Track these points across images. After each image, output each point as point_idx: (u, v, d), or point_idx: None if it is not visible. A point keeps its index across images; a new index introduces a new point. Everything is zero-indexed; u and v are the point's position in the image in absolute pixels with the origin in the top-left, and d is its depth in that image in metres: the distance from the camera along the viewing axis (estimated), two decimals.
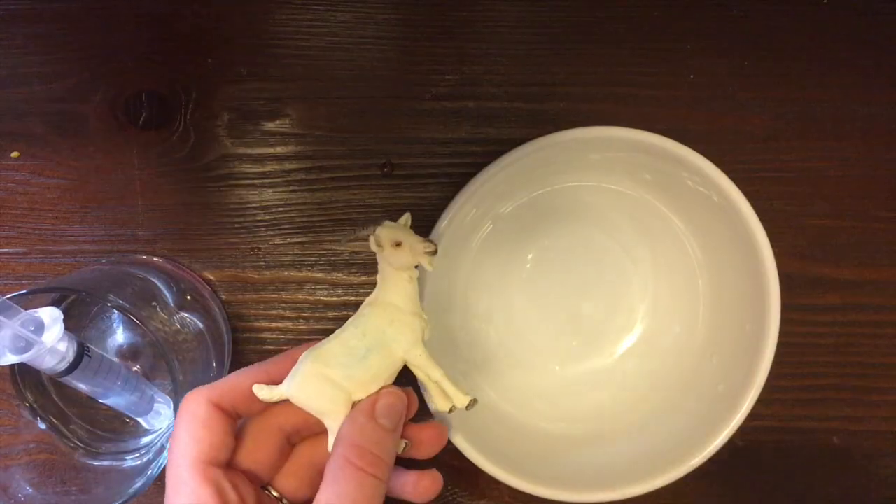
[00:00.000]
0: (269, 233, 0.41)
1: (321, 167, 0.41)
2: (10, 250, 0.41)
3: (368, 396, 0.31)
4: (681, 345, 0.41)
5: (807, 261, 0.42)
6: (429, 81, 0.41)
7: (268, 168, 0.41)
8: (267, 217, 0.41)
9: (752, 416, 0.36)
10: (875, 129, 0.42)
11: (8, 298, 0.30)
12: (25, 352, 0.30)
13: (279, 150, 0.41)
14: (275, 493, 0.32)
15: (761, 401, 0.36)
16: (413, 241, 0.31)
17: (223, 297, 0.42)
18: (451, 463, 0.41)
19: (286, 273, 0.41)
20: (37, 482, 0.35)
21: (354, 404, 0.31)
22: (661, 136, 0.36)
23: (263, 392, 0.31)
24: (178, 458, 0.29)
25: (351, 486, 0.28)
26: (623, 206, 0.41)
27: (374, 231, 0.33)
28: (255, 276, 0.41)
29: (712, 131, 0.42)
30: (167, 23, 0.41)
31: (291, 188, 0.41)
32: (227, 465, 0.30)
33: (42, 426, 0.38)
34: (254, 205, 0.41)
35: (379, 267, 0.33)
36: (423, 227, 0.37)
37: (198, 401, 0.30)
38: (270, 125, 0.41)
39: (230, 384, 0.31)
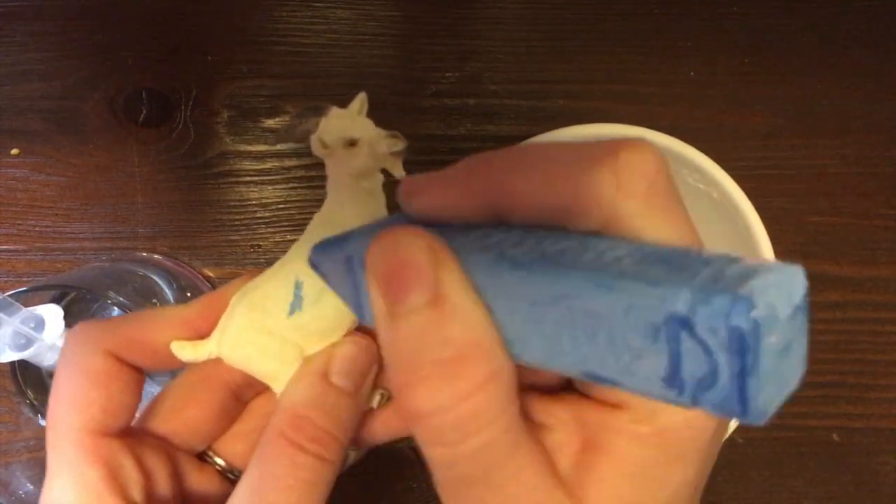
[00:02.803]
0: (268, 230, 0.41)
1: (321, 164, 0.41)
2: (11, 247, 0.41)
3: (327, 348, 0.23)
4: None
5: (807, 258, 0.42)
6: (429, 78, 0.41)
7: (267, 165, 0.41)
8: (267, 214, 0.41)
9: None
10: (875, 127, 0.42)
11: (8, 295, 0.30)
12: (26, 349, 0.30)
13: (279, 147, 0.41)
14: (217, 461, 0.25)
15: None
16: (372, 136, 0.23)
17: None
18: None
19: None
20: (37, 479, 0.35)
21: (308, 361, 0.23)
22: (662, 133, 0.36)
23: (186, 352, 0.23)
24: (61, 426, 0.22)
25: (281, 467, 0.21)
26: None
27: (316, 125, 0.23)
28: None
29: (712, 128, 0.42)
30: (167, 20, 0.41)
31: (291, 185, 0.41)
32: (132, 431, 0.23)
33: (43, 423, 0.38)
34: (253, 202, 0.41)
35: (328, 174, 0.24)
36: None
37: (90, 349, 0.22)
38: (270, 122, 0.41)
39: (137, 332, 0.23)
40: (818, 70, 0.42)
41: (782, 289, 0.12)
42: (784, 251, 0.40)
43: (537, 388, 0.19)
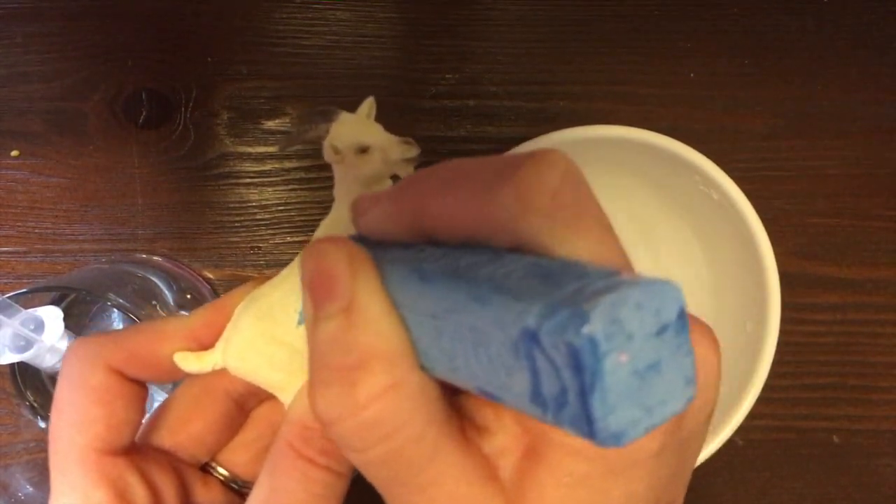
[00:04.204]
0: (268, 231, 0.41)
1: (321, 166, 0.41)
2: (10, 249, 0.41)
3: None
4: None
5: (807, 260, 0.42)
6: (429, 80, 0.41)
7: (267, 167, 0.41)
8: (267, 216, 0.41)
9: (752, 415, 0.36)
10: (875, 128, 0.42)
11: (8, 297, 0.30)
12: (25, 350, 0.30)
13: (278, 148, 0.41)
14: (220, 471, 0.25)
15: (761, 400, 0.36)
16: (385, 143, 0.22)
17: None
18: None
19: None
20: (37, 481, 0.35)
21: None
22: (662, 134, 0.36)
23: (190, 363, 0.23)
24: (64, 446, 0.21)
25: (292, 482, 0.20)
26: (623, 204, 0.41)
27: (326, 130, 0.23)
28: (255, 275, 0.41)
29: (712, 130, 0.42)
30: (167, 21, 0.41)
31: (291, 187, 0.41)
32: (136, 447, 0.23)
33: (42, 425, 0.38)
34: (253, 203, 0.41)
35: (336, 180, 0.23)
36: None
37: (90, 364, 0.22)
38: (270, 124, 0.41)
39: (138, 345, 0.22)
40: (818, 71, 0.42)
41: (646, 306, 0.12)
42: (784, 252, 0.40)
43: None
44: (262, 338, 0.22)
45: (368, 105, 0.23)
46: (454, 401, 0.18)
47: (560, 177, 0.15)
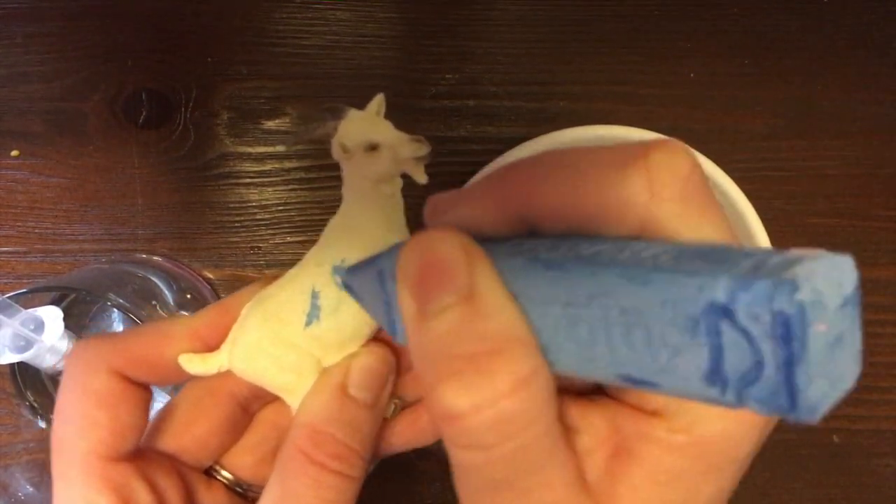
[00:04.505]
0: (268, 231, 0.41)
1: (320, 166, 0.41)
2: (10, 249, 0.41)
3: (344, 359, 0.22)
4: None
5: None
6: (429, 80, 0.41)
7: (267, 167, 0.41)
8: (267, 216, 0.41)
9: None
10: (875, 128, 0.42)
11: (8, 297, 0.30)
12: (25, 350, 0.30)
13: (279, 148, 0.41)
14: (225, 474, 0.24)
15: None
16: (395, 141, 0.22)
17: (223, 295, 0.42)
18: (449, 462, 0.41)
19: (286, 272, 0.42)
20: (37, 481, 0.35)
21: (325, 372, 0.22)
22: (661, 134, 0.36)
23: (195, 365, 0.22)
24: (67, 452, 0.21)
25: (302, 486, 0.20)
26: None
27: (335, 128, 0.22)
28: (255, 275, 0.41)
29: (712, 130, 0.42)
30: (167, 22, 0.41)
31: (291, 187, 0.41)
32: (140, 451, 0.22)
33: (42, 425, 0.38)
34: (253, 203, 0.41)
35: (344, 178, 0.23)
36: (420, 227, 0.37)
37: (93, 368, 0.21)
38: (270, 124, 0.41)
39: (143, 348, 0.22)
40: (818, 71, 0.42)
41: (830, 277, 0.11)
42: None
43: (570, 390, 0.19)
44: (269, 339, 0.22)
45: (378, 102, 0.22)
46: None
47: (690, 164, 0.15)
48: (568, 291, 0.14)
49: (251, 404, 0.24)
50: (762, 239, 0.36)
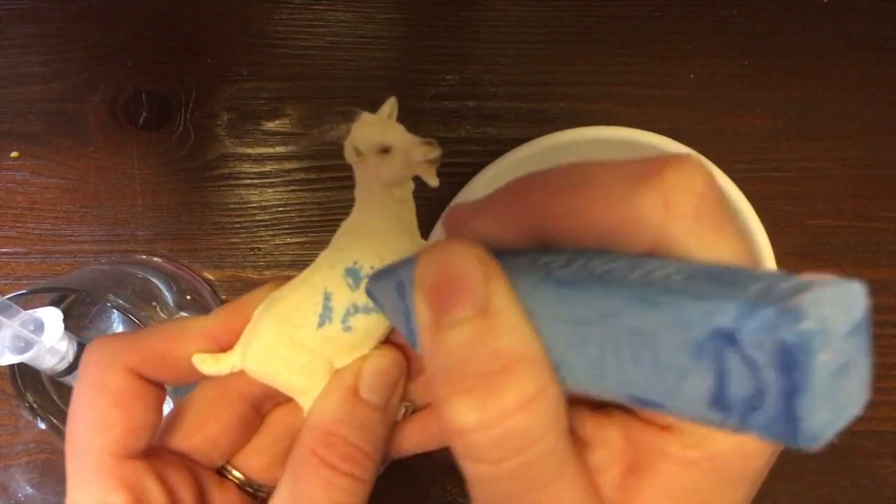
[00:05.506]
0: (268, 233, 0.41)
1: (321, 167, 0.41)
2: (10, 250, 0.41)
3: (356, 361, 0.23)
4: None
5: (807, 260, 0.42)
6: (429, 81, 0.41)
7: (267, 168, 0.41)
8: (267, 217, 0.41)
9: None
10: (875, 129, 0.42)
11: (8, 298, 0.30)
12: (25, 351, 0.30)
13: (279, 149, 0.41)
14: (236, 474, 0.24)
15: None
16: (407, 144, 0.22)
17: (223, 297, 0.42)
18: (450, 462, 0.41)
19: (286, 273, 0.41)
20: (37, 482, 0.35)
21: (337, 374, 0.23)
22: (661, 135, 0.36)
23: (208, 365, 0.22)
24: (81, 450, 0.21)
25: (314, 488, 0.20)
26: None
27: (347, 131, 0.22)
28: (255, 276, 0.41)
29: (712, 131, 0.42)
30: (167, 22, 0.41)
31: (291, 188, 0.41)
32: (153, 450, 0.23)
33: (42, 426, 0.38)
34: (253, 205, 0.41)
35: (357, 181, 0.23)
36: (424, 227, 0.37)
37: (108, 367, 0.21)
38: (270, 125, 0.41)
39: (157, 347, 0.22)
40: (818, 72, 0.42)
41: (839, 304, 0.11)
42: (784, 254, 0.40)
43: (585, 402, 0.19)
44: (281, 341, 0.22)
45: (390, 105, 0.23)
46: None
47: (705, 181, 0.15)
48: (579, 309, 0.14)
49: (263, 405, 0.25)
50: (762, 240, 0.36)
